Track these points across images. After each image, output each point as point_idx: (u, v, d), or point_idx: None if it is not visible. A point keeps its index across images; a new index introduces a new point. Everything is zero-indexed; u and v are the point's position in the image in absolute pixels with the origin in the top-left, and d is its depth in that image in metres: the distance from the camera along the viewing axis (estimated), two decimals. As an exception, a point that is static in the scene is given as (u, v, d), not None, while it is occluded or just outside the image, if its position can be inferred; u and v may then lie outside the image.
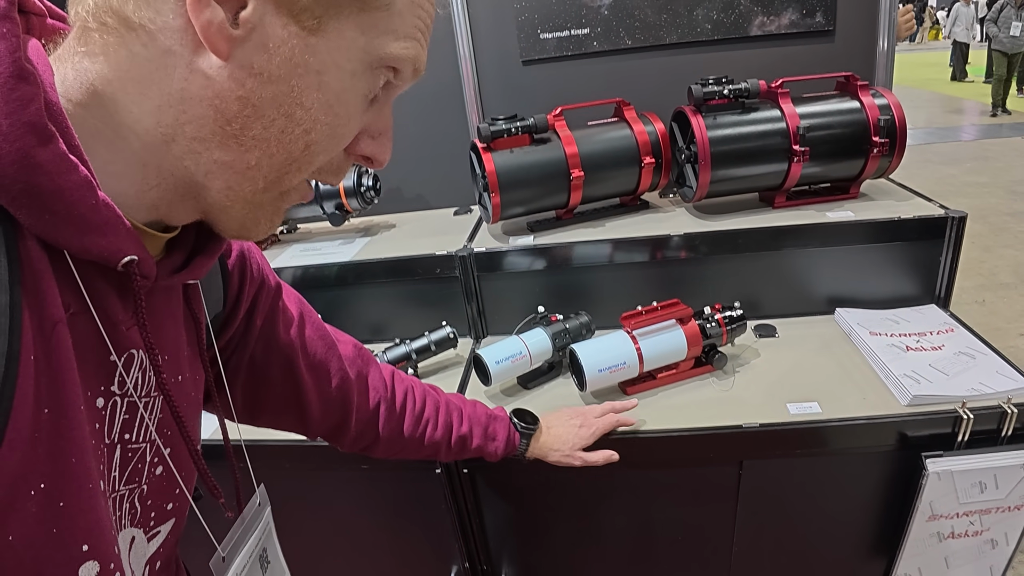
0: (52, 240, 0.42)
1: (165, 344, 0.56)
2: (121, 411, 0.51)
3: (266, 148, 0.47)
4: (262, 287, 0.75)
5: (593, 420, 1.14)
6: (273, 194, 0.51)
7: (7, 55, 0.38)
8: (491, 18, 1.77)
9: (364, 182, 1.66)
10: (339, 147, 0.51)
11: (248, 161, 0.47)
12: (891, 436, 1.13)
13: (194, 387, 0.63)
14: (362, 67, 0.47)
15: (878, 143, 1.39)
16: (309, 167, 0.50)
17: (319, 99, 0.46)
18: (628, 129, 1.53)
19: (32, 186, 0.39)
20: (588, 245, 1.47)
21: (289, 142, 0.47)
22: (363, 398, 0.90)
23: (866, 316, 1.40)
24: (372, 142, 0.53)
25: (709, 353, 1.30)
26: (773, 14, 1.65)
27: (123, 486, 0.52)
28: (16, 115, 0.38)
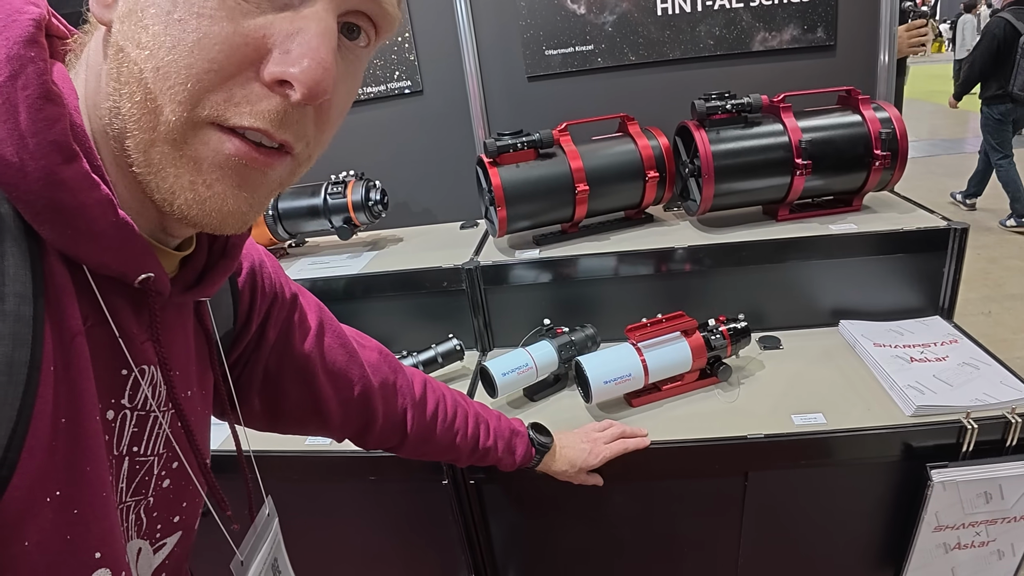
0: (73, 255, 0.43)
1: (177, 359, 0.57)
2: (130, 424, 0.52)
3: (130, 88, 0.42)
4: (275, 301, 0.76)
5: (602, 446, 1.15)
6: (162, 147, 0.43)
7: (35, 78, 0.40)
8: (497, 36, 1.80)
9: (372, 196, 1.68)
10: (205, 60, 0.41)
11: (125, 112, 0.43)
12: (896, 447, 1.13)
13: (203, 402, 0.64)
14: None
15: (880, 156, 1.40)
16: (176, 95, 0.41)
17: (156, 11, 0.41)
18: (632, 143, 1.55)
19: (56, 202, 0.41)
20: (593, 258, 1.48)
21: (141, 70, 0.41)
22: (389, 405, 0.91)
23: (870, 328, 1.41)
24: (284, 58, 0.42)
25: (714, 365, 1.31)
26: (775, 30, 1.67)
27: (130, 497, 0.53)
28: (43, 134, 0.40)
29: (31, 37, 0.40)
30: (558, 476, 1.14)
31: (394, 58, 1.85)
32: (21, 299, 0.39)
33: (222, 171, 0.44)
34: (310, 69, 0.42)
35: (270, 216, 1.70)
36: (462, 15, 1.77)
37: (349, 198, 1.67)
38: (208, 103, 0.42)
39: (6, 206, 0.40)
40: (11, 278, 0.39)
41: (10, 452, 0.39)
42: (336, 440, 0.91)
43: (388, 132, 1.93)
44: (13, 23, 0.40)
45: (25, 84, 0.39)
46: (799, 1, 1.64)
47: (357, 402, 0.86)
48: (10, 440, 0.39)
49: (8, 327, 0.39)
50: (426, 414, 0.96)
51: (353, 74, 0.49)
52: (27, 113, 0.39)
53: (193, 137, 0.43)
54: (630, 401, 1.30)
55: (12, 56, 0.39)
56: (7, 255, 0.39)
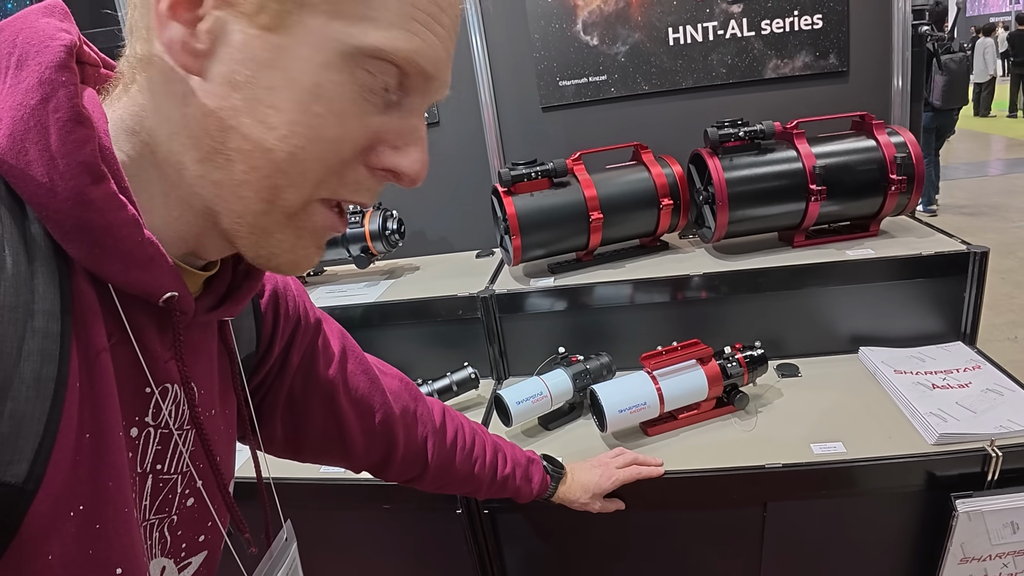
0: (100, 273, 0.44)
1: (200, 378, 0.58)
2: (154, 442, 0.52)
3: (249, 160, 0.45)
4: (299, 325, 0.76)
5: (614, 470, 1.15)
6: (276, 217, 0.47)
7: (66, 101, 0.41)
8: (511, 67, 1.83)
9: (389, 226, 1.70)
10: (335, 154, 0.46)
11: (236, 177, 0.45)
12: (919, 476, 1.11)
13: (225, 422, 0.65)
14: (337, 59, 0.43)
15: (896, 180, 1.40)
16: (304, 180, 0.46)
17: (290, 98, 0.43)
18: (646, 172, 1.56)
19: (84, 222, 0.42)
20: (608, 286, 1.48)
21: (269, 150, 0.44)
22: (410, 433, 0.90)
23: (890, 354, 1.39)
24: (394, 153, 0.48)
25: (730, 393, 1.30)
26: (787, 57, 1.68)
27: (153, 515, 0.53)
28: (73, 155, 0.41)
29: (63, 62, 0.42)
30: (574, 506, 1.13)
31: (411, 90, 1.88)
32: (49, 316, 0.41)
33: (316, 237, 0.51)
34: (418, 165, 0.50)
35: (288, 246, 1.72)
36: (477, 48, 1.80)
37: (367, 227, 1.69)
38: (325, 186, 0.47)
39: (36, 226, 0.41)
40: (40, 296, 0.40)
41: (36, 466, 0.39)
42: (355, 471, 0.90)
43: (405, 162, 1.95)
44: (46, 48, 0.42)
45: (56, 107, 0.41)
46: (810, 28, 1.65)
47: (379, 430, 0.85)
48: (36, 454, 0.40)
49: (37, 343, 0.40)
50: (446, 442, 0.95)
51: None
52: (58, 135, 0.41)
53: (303, 211, 0.48)
54: (646, 430, 1.29)
55: (44, 80, 0.41)
56: (37, 274, 0.41)
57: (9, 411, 0.38)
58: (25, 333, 0.39)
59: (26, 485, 0.39)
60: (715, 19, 1.68)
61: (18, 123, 0.40)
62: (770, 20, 1.66)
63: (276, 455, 0.80)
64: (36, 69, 0.41)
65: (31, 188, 0.41)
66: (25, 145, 0.40)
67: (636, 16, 1.72)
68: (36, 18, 0.44)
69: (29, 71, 0.41)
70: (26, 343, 0.39)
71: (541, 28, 1.77)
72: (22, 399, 0.39)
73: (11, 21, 0.44)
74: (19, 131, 0.40)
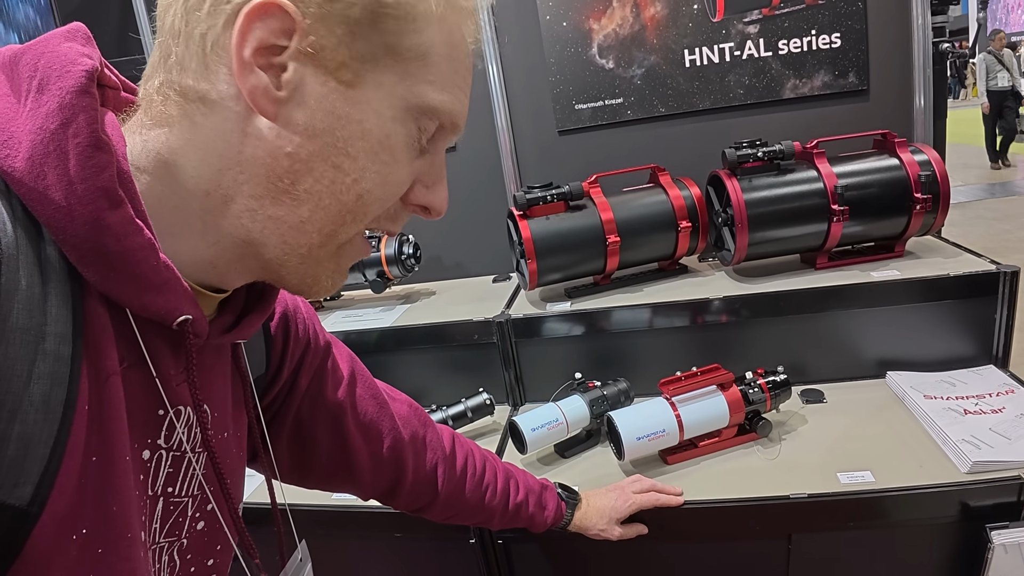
0: (115, 297, 0.45)
1: (212, 401, 0.58)
2: (166, 464, 0.52)
3: (318, 201, 0.48)
4: (308, 348, 0.76)
5: (631, 495, 1.12)
6: (330, 249, 0.51)
7: (86, 126, 0.41)
8: (527, 91, 1.83)
9: (405, 250, 1.70)
10: (392, 195, 0.52)
11: (301, 215, 0.49)
12: (952, 506, 1.06)
13: (237, 444, 0.64)
14: (402, 114, 0.49)
15: (920, 199, 1.36)
16: (364, 218, 0.51)
17: (364, 147, 0.48)
18: (664, 194, 1.54)
19: (100, 246, 0.42)
20: (626, 310, 1.46)
21: (340, 192, 0.49)
22: (419, 459, 0.89)
23: (920, 379, 1.34)
24: (427, 191, 0.54)
25: (752, 420, 1.26)
26: (805, 77, 1.66)
27: (163, 538, 0.53)
28: (91, 180, 0.41)
29: (83, 87, 0.42)
30: (591, 533, 1.09)
31: (427, 116, 1.89)
32: (61, 339, 0.41)
33: (339, 267, 0.55)
34: (443, 201, 0.57)
35: (305, 272, 1.73)
36: (493, 73, 1.81)
37: (383, 252, 1.69)
38: (374, 221, 0.53)
39: (52, 248, 0.42)
40: (53, 318, 0.41)
41: (41, 489, 0.40)
42: (363, 498, 0.89)
43: (422, 188, 1.96)
44: (67, 73, 0.42)
45: (76, 132, 0.41)
46: (829, 48, 1.63)
47: (387, 456, 0.84)
48: (42, 477, 0.40)
49: (48, 366, 0.40)
50: (456, 470, 0.93)
51: None
52: (76, 160, 0.41)
53: (348, 242, 0.53)
54: (665, 458, 1.25)
55: (65, 105, 0.41)
56: (51, 296, 0.41)
57: (17, 433, 0.39)
58: (36, 355, 0.40)
59: (30, 508, 0.39)
60: (731, 40, 1.67)
61: (37, 147, 0.41)
62: (787, 40, 1.65)
63: (283, 480, 0.79)
64: (57, 94, 0.41)
65: (48, 211, 0.41)
66: (44, 169, 0.41)
67: (652, 39, 1.72)
68: (58, 42, 0.44)
69: (50, 95, 0.42)
70: (37, 365, 0.39)
71: (556, 53, 1.77)
72: (30, 421, 0.39)
73: (33, 44, 0.44)
74: (38, 155, 0.41)
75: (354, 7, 0.46)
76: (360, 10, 0.46)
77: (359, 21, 0.46)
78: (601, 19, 1.73)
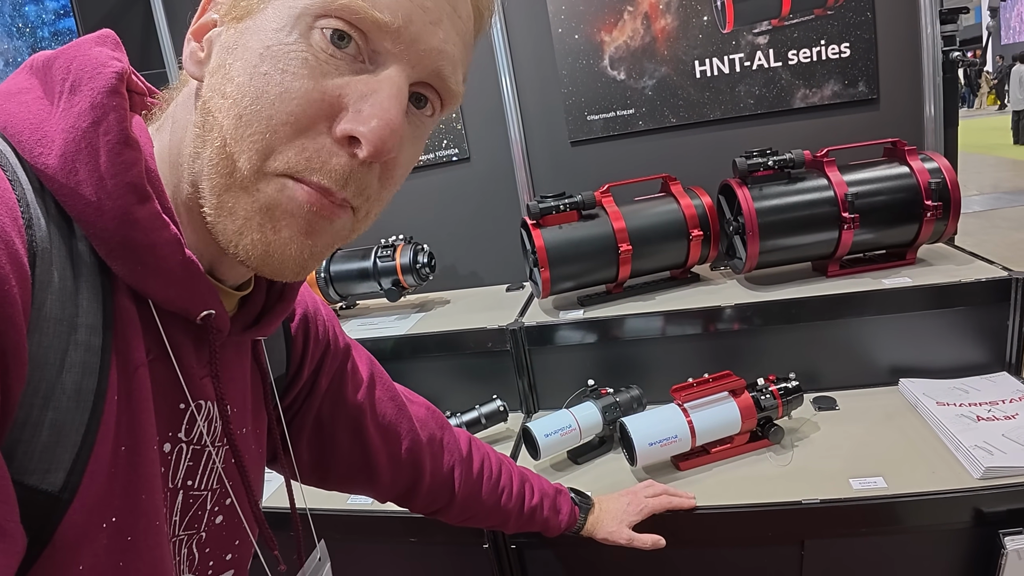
0: (141, 290, 0.46)
1: (233, 396, 0.59)
2: (186, 458, 0.53)
3: (218, 134, 0.44)
4: (328, 349, 0.77)
5: (643, 498, 1.12)
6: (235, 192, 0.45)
7: (115, 124, 0.43)
8: (540, 103, 1.86)
9: (420, 259, 1.72)
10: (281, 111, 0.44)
11: (205, 159, 0.45)
12: (964, 512, 1.06)
13: (256, 441, 0.66)
14: (289, 22, 0.44)
15: (931, 207, 1.37)
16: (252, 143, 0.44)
17: (241, 66, 0.44)
18: (675, 203, 1.55)
19: (129, 240, 0.44)
20: (638, 318, 1.47)
21: (223, 117, 0.44)
22: (436, 461, 0.90)
23: (932, 386, 1.34)
24: (356, 116, 0.45)
25: (765, 426, 1.27)
26: (815, 86, 1.67)
27: (182, 531, 0.54)
28: (120, 176, 0.43)
29: (114, 88, 0.44)
30: (600, 537, 1.09)
31: (442, 127, 1.92)
32: (92, 330, 0.43)
33: (292, 218, 0.46)
34: (379, 128, 0.44)
35: (322, 278, 1.76)
36: (506, 85, 1.83)
37: (398, 261, 1.71)
38: (281, 156, 0.44)
39: (83, 243, 0.44)
40: (84, 310, 0.42)
41: (72, 476, 0.41)
42: (380, 500, 0.90)
43: (436, 198, 1.99)
44: (98, 75, 0.44)
45: (107, 130, 0.43)
46: (838, 57, 1.64)
47: (406, 457, 0.85)
48: (73, 464, 0.41)
49: (79, 356, 0.42)
50: (472, 472, 0.94)
51: (418, 139, 0.52)
52: (107, 157, 0.43)
53: (266, 185, 0.45)
54: (677, 464, 1.26)
55: (96, 104, 0.43)
56: (82, 289, 0.43)
57: (50, 420, 0.40)
58: (68, 345, 0.41)
59: (62, 494, 0.40)
60: (741, 51, 1.69)
61: (70, 144, 0.43)
62: (797, 50, 1.66)
63: (302, 482, 0.80)
64: (89, 94, 0.43)
65: (79, 206, 0.43)
66: (76, 165, 0.42)
67: (662, 50, 1.74)
68: (90, 46, 0.46)
69: (82, 96, 0.44)
70: (69, 354, 0.41)
71: (568, 65, 1.79)
72: (63, 409, 0.40)
73: (66, 49, 0.47)
74: (71, 152, 0.42)
75: None
76: None
77: None
78: (612, 31, 1.75)
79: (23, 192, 0.41)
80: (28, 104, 0.45)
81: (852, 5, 1.61)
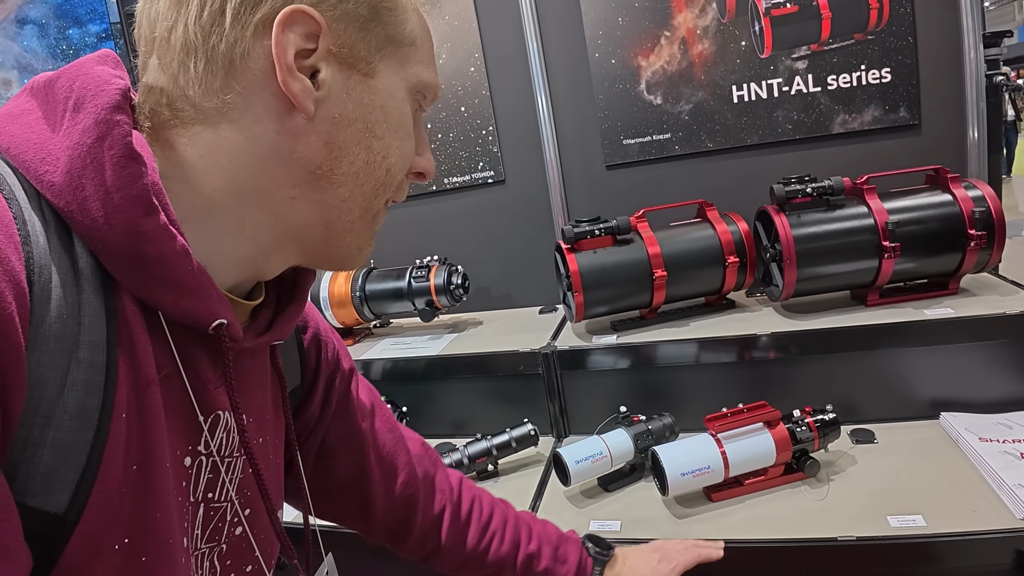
0: (152, 303, 0.47)
1: (250, 406, 0.60)
2: (206, 470, 0.54)
3: (355, 180, 0.54)
4: (338, 369, 0.79)
5: (674, 554, 1.00)
6: (368, 219, 0.58)
7: (120, 139, 0.44)
8: (576, 126, 1.87)
9: (454, 280, 1.73)
10: (408, 165, 0.59)
11: (341, 195, 0.54)
12: (1006, 553, 1.02)
13: (275, 451, 0.66)
14: (408, 94, 0.57)
15: (975, 236, 1.34)
16: (391, 188, 0.58)
17: (387, 128, 0.55)
18: (711, 229, 1.55)
19: (138, 252, 0.44)
20: (672, 344, 1.46)
21: (373, 169, 0.55)
22: (428, 500, 0.88)
23: (975, 421, 1.31)
24: (421, 158, 0.61)
25: (800, 459, 1.24)
26: (855, 111, 1.65)
27: (204, 544, 0.54)
28: (126, 190, 0.44)
29: (117, 104, 0.45)
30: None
31: (478, 150, 1.94)
32: (95, 348, 0.42)
33: (371, 236, 0.61)
34: (434, 164, 0.63)
35: (357, 297, 1.78)
36: (543, 109, 1.85)
37: (432, 282, 1.73)
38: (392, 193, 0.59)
39: (86, 259, 0.44)
40: (87, 328, 0.42)
41: (78, 497, 0.41)
42: (371, 537, 0.87)
43: (472, 219, 2.01)
44: (101, 92, 0.45)
45: (111, 145, 0.44)
46: (879, 82, 1.62)
47: (400, 491, 0.84)
48: (78, 485, 0.41)
49: (82, 374, 0.41)
50: (461, 513, 0.90)
51: None
52: (112, 171, 0.43)
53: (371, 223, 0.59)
54: (710, 496, 1.25)
55: (100, 120, 0.44)
56: (84, 305, 0.43)
57: (51, 439, 0.40)
58: (70, 363, 0.41)
59: (67, 515, 0.40)
60: (779, 76, 1.68)
61: (75, 161, 0.43)
62: (836, 75, 1.65)
63: (293, 505, 0.78)
64: (92, 111, 0.44)
65: (87, 222, 0.43)
66: (82, 181, 0.43)
67: (700, 75, 1.73)
68: (92, 65, 0.47)
69: (86, 113, 0.44)
70: (71, 373, 0.41)
71: (605, 89, 1.80)
72: (65, 428, 0.40)
73: (68, 69, 0.47)
74: (76, 168, 0.43)
75: (361, 4, 0.52)
76: (366, 7, 0.52)
77: (366, 17, 0.52)
78: (649, 56, 1.76)
79: (19, 209, 0.42)
80: (30, 125, 0.45)
81: (893, 30, 1.60)
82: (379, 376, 1.65)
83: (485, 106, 1.91)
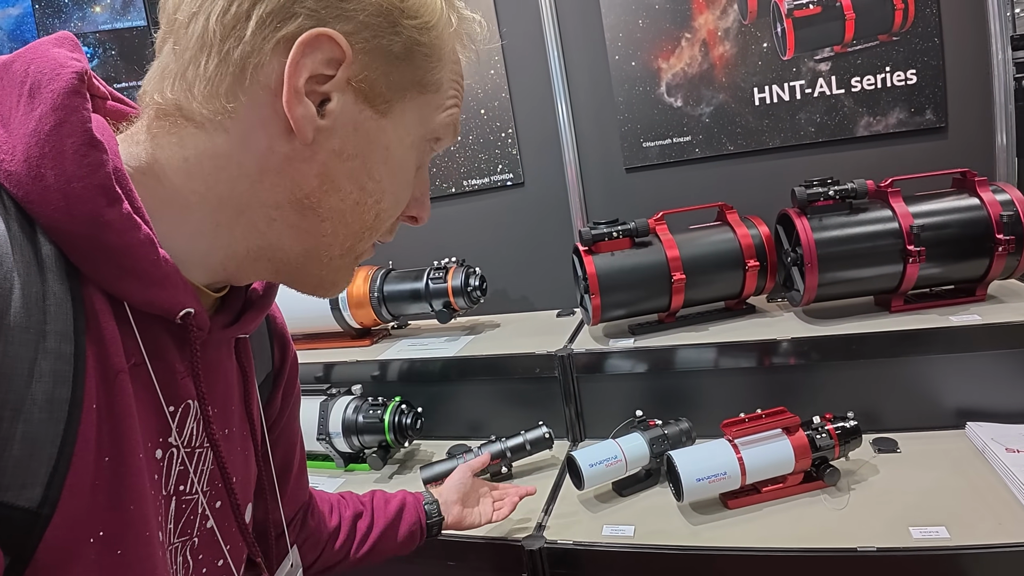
0: (118, 293, 0.46)
1: (216, 396, 0.58)
2: (177, 462, 0.52)
3: (341, 218, 0.52)
4: (295, 365, 0.79)
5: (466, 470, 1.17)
6: (349, 258, 0.56)
7: (79, 126, 0.43)
8: (595, 129, 1.86)
9: (471, 282, 1.73)
10: (399, 211, 0.58)
11: (324, 230, 0.53)
12: (1034, 569, 1.00)
13: (242, 443, 0.64)
14: (418, 140, 0.55)
15: (1003, 241, 1.30)
16: (379, 231, 0.57)
17: (387, 171, 0.53)
18: (731, 232, 1.53)
19: (102, 242, 0.43)
20: (690, 349, 1.44)
21: (362, 211, 0.53)
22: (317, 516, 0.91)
23: (1001, 431, 1.27)
24: (417, 203, 0.60)
25: (820, 467, 1.22)
26: (879, 114, 1.62)
27: (177, 538, 0.53)
28: (88, 178, 0.43)
29: (74, 88, 0.43)
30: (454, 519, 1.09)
31: (498, 152, 1.94)
32: (62, 337, 0.41)
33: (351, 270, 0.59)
34: (429, 211, 0.62)
35: (375, 298, 1.78)
36: (562, 111, 1.84)
37: (449, 283, 1.73)
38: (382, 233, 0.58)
39: (48, 247, 0.43)
40: (52, 316, 0.41)
41: (51, 490, 0.40)
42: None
43: (490, 221, 2.00)
44: (58, 76, 0.43)
45: (70, 132, 0.42)
46: (904, 84, 1.59)
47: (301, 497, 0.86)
48: (51, 478, 0.40)
49: (49, 364, 0.40)
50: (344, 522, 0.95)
51: None
52: (73, 159, 0.42)
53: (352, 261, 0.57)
54: (726, 502, 1.23)
55: (58, 106, 0.42)
56: (49, 295, 0.41)
57: (21, 433, 0.38)
58: (37, 354, 0.40)
59: (41, 509, 0.39)
60: (802, 78, 1.66)
61: (33, 149, 0.42)
62: (860, 77, 1.62)
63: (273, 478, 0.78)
64: (49, 96, 0.43)
65: (48, 211, 0.42)
66: (42, 170, 0.42)
67: (720, 77, 1.72)
68: (47, 48, 0.46)
69: (42, 98, 0.43)
70: (38, 364, 0.39)
71: (625, 91, 1.79)
72: (35, 421, 0.39)
73: (23, 52, 0.46)
74: (35, 156, 0.42)
75: (396, 43, 0.50)
76: (401, 46, 0.50)
77: (398, 56, 0.51)
78: (670, 58, 1.74)
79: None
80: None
81: (919, 31, 1.57)
82: (396, 376, 1.65)
83: (505, 108, 1.91)
